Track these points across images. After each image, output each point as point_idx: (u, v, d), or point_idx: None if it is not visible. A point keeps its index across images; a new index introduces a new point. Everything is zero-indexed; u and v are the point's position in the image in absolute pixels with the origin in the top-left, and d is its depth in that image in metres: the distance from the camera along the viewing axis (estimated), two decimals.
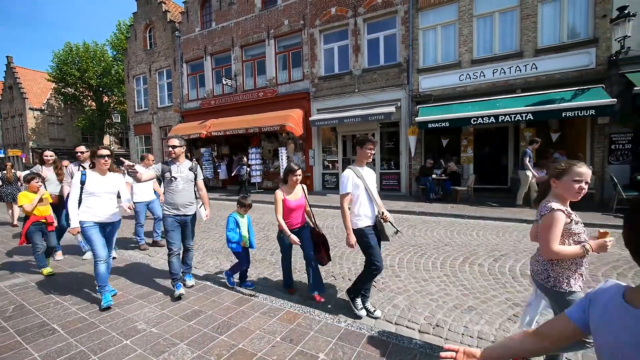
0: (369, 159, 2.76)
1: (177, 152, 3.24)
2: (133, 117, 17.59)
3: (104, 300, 2.92)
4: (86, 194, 3.03)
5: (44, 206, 3.90)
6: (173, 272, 3.19)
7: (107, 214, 3.10)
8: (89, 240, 2.99)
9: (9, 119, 27.00)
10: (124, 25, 22.67)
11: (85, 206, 3.03)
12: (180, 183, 3.21)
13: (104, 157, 3.09)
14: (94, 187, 3.05)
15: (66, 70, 22.16)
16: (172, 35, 15.29)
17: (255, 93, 13.00)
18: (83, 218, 3.00)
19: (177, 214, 3.21)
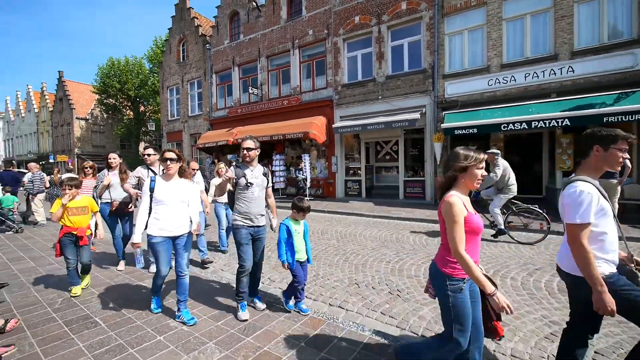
0: (618, 165, 1.68)
1: (252, 155, 2.86)
2: (166, 125, 18.67)
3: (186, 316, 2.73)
4: (155, 203, 2.75)
5: (80, 216, 3.39)
6: (241, 290, 2.83)
7: (176, 226, 2.77)
8: (155, 256, 2.76)
9: (59, 127, 29.64)
10: (160, 40, 24.28)
11: (153, 217, 2.74)
12: (256, 190, 2.86)
13: (167, 160, 2.76)
14: (163, 194, 2.74)
15: (108, 82, 24.04)
16: (203, 48, 16.16)
17: (280, 101, 13.34)
18: (151, 231, 2.71)
19: (250, 225, 2.86)
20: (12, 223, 6.96)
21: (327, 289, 3.54)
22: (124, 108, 26.19)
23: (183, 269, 2.82)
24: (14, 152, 36.64)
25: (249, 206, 2.85)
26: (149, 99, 25.31)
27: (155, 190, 2.75)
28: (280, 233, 2.83)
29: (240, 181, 2.83)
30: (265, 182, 2.98)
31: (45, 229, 7.28)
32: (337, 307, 3.11)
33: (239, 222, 2.84)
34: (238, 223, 2.84)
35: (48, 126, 31.09)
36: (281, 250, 2.80)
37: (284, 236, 2.82)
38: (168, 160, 2.76)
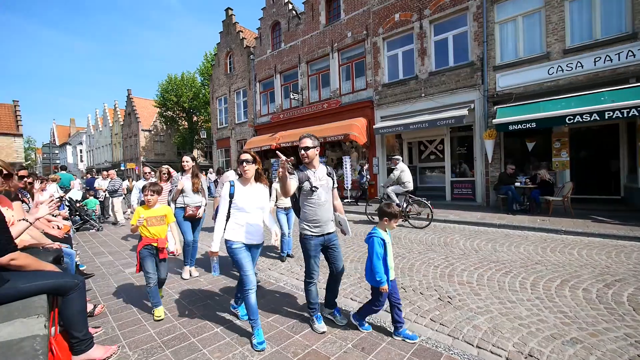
0: None
1: (311, 155, 2.57)
2: (216, 132, 20.13)
3: (257, 337, 2.41)
4: (235, 209, 2.57)
5: (159, 226, 3.04)
6: (312, 302, 2.67)
7: (254, 234, 2.59)
8: (239, 264, 2.50)
9: (128, 138, 33.70)
10: (210, 55, 26.30)
11: (234, 222, 2.56)
12: (322, 193, 2.59)
13: (242, 162, 2.56)
14: (243, 201, 2.55)
15: (167, 97, 26.69)
16: (247, 59, 17.13)
17: (320, 105, 13.55)
18: (231, 237, 2.53)
19: (320, 234, 2.60)
20: (95, 222, 8.10)
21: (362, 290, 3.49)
22: (179, 119, 28.82)
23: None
24: (94, 161, 42.48)
25: (317, 212, 2.58)
26: (201, 109, 27.51)
27: (235, 196, 2.55)
28: (373, 248, 2.38)
29: (304, 186, 2.57)
30: (330, 184, 2.69)
31: (120, 229, 8.32)
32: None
33: (308, 232, 2.60)
34: (307, 233, 2.60)
35: (120, 138, 35.52)
36: (379, 269, 2.35)
37: (380, 251, 2.38)
38: (244, 162, 2.54)
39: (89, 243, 6.54)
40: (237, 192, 2.57)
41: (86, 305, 2.11)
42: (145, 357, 2.32)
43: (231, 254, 2.52)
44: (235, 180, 2.63)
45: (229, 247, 2.52)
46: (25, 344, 1.34)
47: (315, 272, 2.64)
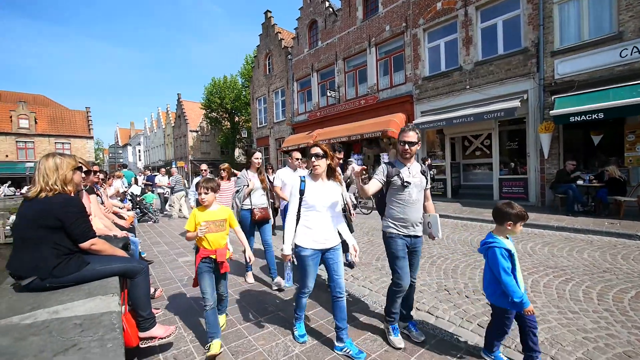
0: None
1: (414, 151, 2.35)
2: (256, 131, 20.99)
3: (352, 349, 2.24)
4: (305, 208, 2.32)
5: (217, 233, 2.40)
6: (394, 311, 2.39)
7: (328, 237, 2.33)
8: (303, 272, 2.32)
9: (178, 139, 36.62)
10: (250, 58, 27.44)
11: (303, 225, 2.31)
12: (414, 191, 2.35)
13: (312, 157, 2.32)
14: (314, 198, 2.30)
15: (211, 99, 28.44)
16: (285, 59, 17.55)
17: (357, 101, 13.42)
18: (300, 241, 2.29)
19: (407, 234, 2.37)
20: (152, 215, 8.97)
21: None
22: (223, 119, 30.54)
23: (342, 289, 2.32)
24: (150, 160, 46.89)
25: (406, 211, 2.35)
26: (242, 110, 28.85)
27: (306, 192, 2.30)
28: (498, 262, 1.94)
29: (395, 181, 2.35)
30: (424, 182, 2.43)
31: (175, 222, 9.09)
32: (425, 312, 2.98)
33: (393, 230, 2.37)
34: (392, 231, 2.37)
35: (171, 138, 38.73)
36: (513, 288, 1.91)
37: (507, 265, 1.94)
38: (313, 156, 2.31)
39: (147, 233, 7.27)
40: (308, 188, 2.31)
41: (150, 288, 2.37)
42: (199, 338, 2.55)
43: (299, 260, 2.32)
44: (306, 176, 2.39)
45: (298, 252, 2.32)
46: (104, 318, 1.55)
47: (404, 277, 2.31)
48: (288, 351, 2.32)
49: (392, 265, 2.39)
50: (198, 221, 2.37)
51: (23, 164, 25.01)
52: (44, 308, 1.64)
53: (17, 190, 23.27)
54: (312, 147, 2.37)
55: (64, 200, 1.89)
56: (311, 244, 2.29)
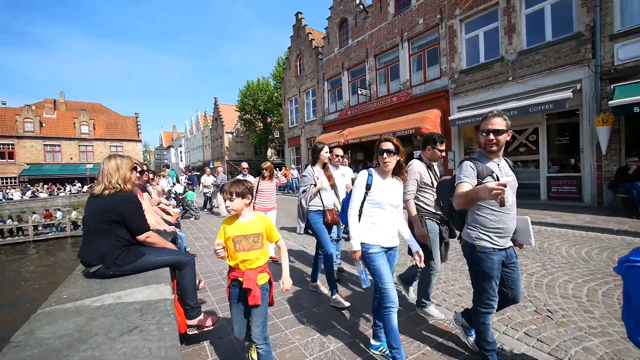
0: None
1: (502, 141, 1.92)
2: (287, 132, 21.45)
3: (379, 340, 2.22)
4: (371, 204, 2.16)
5: (250, 252, 1.88)
6: (489, 341, 2.00)
7: (391, 235, 2.19)
8: (378, 273, 2.09)
9: (215, 140, 38.62)
10: (281, 59, 28.08)
11: (369, 222, 2.16)
12: (509, 194, 1.88)
13: (383, 153, 2.12)
14: (381, 195, 2.14)
15: (245, 101, 29.58)
16: (316, 59, 17.70)
17: (389, 98, 13.14)
18: (367, 239, 2.14)
19: (503, 247, 1.93)
20: (193, 212, 9.59)
21: (451, 296, 3.30)
22: (256, 121, 31.63)
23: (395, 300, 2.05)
24: (190, 160, 50.00)
25: (503, 218, 1.89)
26: (274, 111, 29.65)
27: (372, 188, 2.16)
28: None
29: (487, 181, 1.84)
30: (516, 182, 2.00)
31: (214, 218, 9.63)
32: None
33: (487, 244, 1.90)
34: (486, 245, 1.90)
35: (209, 140, 40.95)
36: None
37: None
38: (385, 152, 2.12)
39: (189, 229, 7.78)
40: (375, 184, 2.17)
41: (196, 280, 2.56)
42: None
43: (368, 260, 2.14)
44: (373, 170, 2.23)
45: (365, 251, 2.13)
46: (160, 304, 1.72)
47: (495, 298, 1.95)
48: (323, 347, 2.37)
49: (482, 285, 1.95)
50: (229, 235, 1.87)
51: (84, 166, 28.04)
52: (109, 293, 1.86)
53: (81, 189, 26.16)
54: (382, 142, 2.14)
55: (124, 197, 2.12)
56: (378, 240, 2.15)
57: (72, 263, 13.25)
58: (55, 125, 30.06)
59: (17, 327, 1.46)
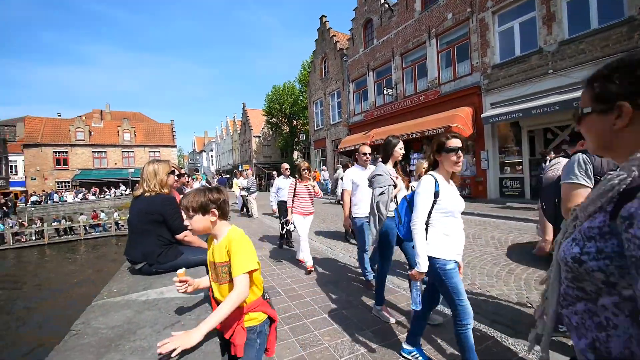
0: None
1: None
2: (313, 134, 21.64)
3: None
4: (442, 214, 1.86)
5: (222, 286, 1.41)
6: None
7: (462, 247, 1.94)
8: (455, 290, 1.82)
9: (243, 144, 39.95)
10: (306, 63, 28.44)
11: (442, 233, 1.87)
12: None
13: (455, 151, 1.82)
14: (451, 201, 1.86)
15: (272, 105, 30.31)
16: (340, 61, 17.72)
17: (416, 97, 12.81)
18: (441, 253, 1.84)
19: None
20: None
21: (488, 304, 3.13)
22: (282, 124, 32.27)
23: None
24: (220, 164, 52.13)
25: None
26: (300, 114, 30.08)
27: (441, 195, 1.85)
28: None
29: None
30: None
31: (253, 221, 9.94)
32: (504, 325, 2.71)
33: None
34: None
35: (237, 144, 42.43)
36: None
37: None
38: (458, 150, 1.81)
39: None
40: (443, 190, 1.87)
41: None
42: None
43: (443, 277, 1.84)
44: (435, 174, 1.91)
45: (441, 267, 1.83)
46: (198, 300, 1.82)
47: None
48: (353, 350, 2.36)
49: None
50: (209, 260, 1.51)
51: (127, 170, 30.30)
52: (153, 289, 2.00)
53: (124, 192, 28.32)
54: (451, 139, 1.84)
55: (163, 199, 2.28)
56: (453, 255, 1.87)
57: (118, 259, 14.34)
58: (102, 134, 32.81)
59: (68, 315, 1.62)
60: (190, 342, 1.17)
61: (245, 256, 1.32)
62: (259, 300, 1.43)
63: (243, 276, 1.28)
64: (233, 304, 1.25)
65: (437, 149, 1.91)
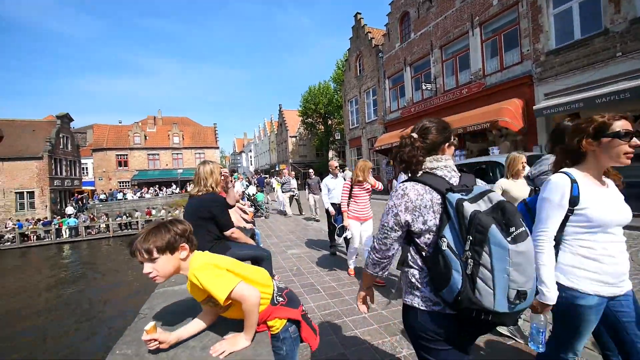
0: None
1: None
2: (348, 133, 21.56)
3: None
4: (584, 228, 1.35)
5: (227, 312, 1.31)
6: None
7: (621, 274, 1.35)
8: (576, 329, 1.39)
9: (280, 144, 41.14)
10: (340, 62, 28.39)
11: (581, 255, 1.35)
12: None
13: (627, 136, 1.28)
14: (602, 210, 1.32)
15: (307, 106, 30.77)
16: (376, 57, 17.40)
17: (458, 91, 12.12)
18: (580, 284, 1.34)
19: None
20: (263, 211, 10.40)
21: None
22: (317, 124, 32.61)
23: None
24: (259, 164, 54.27)
25: None
26: (335, 113, 30.15)
27: (582, 201, 1.32)
28: None
29: None
30: None
31: (287, 218, 10.28)
32: None
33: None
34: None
35: (274, 144, 43.81)
36: None
37: None
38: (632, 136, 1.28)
39: (260, 227, 8.46)
40: (586, 194, 1.33)
41: (272, 273, 2.81)
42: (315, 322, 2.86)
43: (574, 314, 1.37)
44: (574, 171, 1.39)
45: (570, 300, 1.36)
46: None
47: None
48: (395, 352, 2.35)
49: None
50: None
51: (176, 171, 33.01)
52: None
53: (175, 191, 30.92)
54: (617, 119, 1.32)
55: (213, 197, 2.46)
56: (597, 288, 1.33)
57: None
58: (155, 138, 36.05)
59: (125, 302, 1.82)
60: (238, 345, 1.20)
61: (219, 280, 1.17)
62: (268, 309, 1.35)
63: (234, 293, 1.16)
64: (253, 310, 1.20)
65: (596, 133, 1.33)
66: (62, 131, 28.29)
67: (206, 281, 1.15)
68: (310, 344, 1.46)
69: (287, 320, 1.40)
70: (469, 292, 1.04)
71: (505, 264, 1.00)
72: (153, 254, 1.14)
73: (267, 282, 1.39)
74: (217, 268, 1.23)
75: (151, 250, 1.13)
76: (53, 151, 26.29)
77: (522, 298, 1.02)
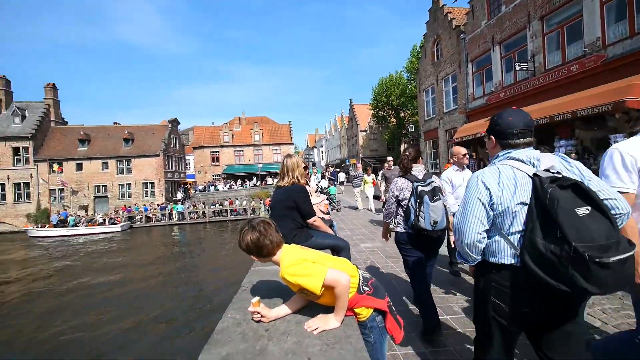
0: None
1: None
2: (423, 125, 20.25)
3: None
4: None
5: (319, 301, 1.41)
6: None
7: None
8: None
9: (350, 139, 41.31)
10: (415, 50, 26.68)
11: None
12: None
13: None
14: None
15: (379, 99, 30.00)
16: (457, 40, 15.79)
17: (566, 68, 10.10)
18: None
19: None
20: (335, 204, 10.73)
21: None
22: (388, 117, 31.54)
23: None
24: (330, 159, 55.69)
25: None
26: (408, 104, 28.64)
27: None
28: None
29: None
30: None
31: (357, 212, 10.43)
32: None
33: None
34: None
35: (345, 139, 44.21)
36: None
37: None
38: None
39: (335, 220, 8.80)
40: None
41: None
42: None
43: None
44: None
45: None
46: None
47: None
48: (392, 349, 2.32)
49: None
50: None
51: (257, 165, 36.62)
52: None
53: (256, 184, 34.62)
54: None
55: (297, 188, 2.70)
56: None
57: None
58: (240, 136, 40.65)
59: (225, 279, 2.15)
60: (329, 325, 1.31)
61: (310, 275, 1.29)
62: (355, 297, 1.40)
63: (326, 280, 1.26)
64: (344, 292, 1.30)
65: None
66: (172, 133, 34.50)
67: (298, 279, 1.30)
68: (394, 336, 1.48)
69: (373, 310, 1.44)
70: (417, 221, 2.53)
71: (429, 209, 2.46)
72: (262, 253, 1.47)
73: (352, 271, 1.45)
74: (305, 262, 1.36)
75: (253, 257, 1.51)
76: (166, 150, 32.36)
77: (435, 225, 2.48)
